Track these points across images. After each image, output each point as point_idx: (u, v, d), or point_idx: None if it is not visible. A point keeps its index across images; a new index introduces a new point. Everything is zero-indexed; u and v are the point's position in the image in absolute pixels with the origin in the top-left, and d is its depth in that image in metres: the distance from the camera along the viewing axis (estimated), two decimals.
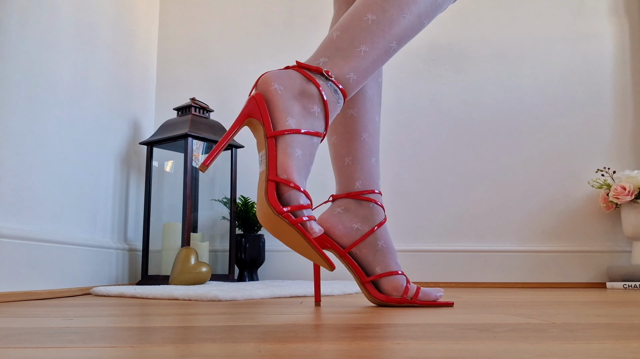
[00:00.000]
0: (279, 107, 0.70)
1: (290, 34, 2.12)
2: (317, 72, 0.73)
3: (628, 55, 2.05)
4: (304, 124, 0.71)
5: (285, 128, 0.69)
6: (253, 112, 0.70)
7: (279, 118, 0.70)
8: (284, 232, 0.67)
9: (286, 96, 0.71)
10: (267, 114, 0.70)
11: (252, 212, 1.86)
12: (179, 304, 0.92)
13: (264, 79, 0.72)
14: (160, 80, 2.12)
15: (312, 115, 0.72)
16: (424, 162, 2.02)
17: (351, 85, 0.75)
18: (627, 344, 0.41)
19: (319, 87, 0.72)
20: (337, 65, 0.74)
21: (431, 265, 1.94)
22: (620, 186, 1.79)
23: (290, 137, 0.69)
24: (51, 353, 0.38)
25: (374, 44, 0.76)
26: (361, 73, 0.76)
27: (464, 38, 2.07)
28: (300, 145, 0.70)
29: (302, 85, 0.72)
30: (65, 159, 1.37)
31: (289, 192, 0.68)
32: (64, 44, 1.37)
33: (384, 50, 0.77)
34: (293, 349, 0.39)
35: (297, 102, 0.71)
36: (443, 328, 0.52)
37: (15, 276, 1.10)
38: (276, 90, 0.71)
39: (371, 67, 0.77)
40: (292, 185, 0.67)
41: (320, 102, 0.72)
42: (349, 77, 0.75)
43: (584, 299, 1.04)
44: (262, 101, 0.70)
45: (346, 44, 0.75)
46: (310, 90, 0.72)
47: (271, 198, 0.66)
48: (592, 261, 1.93)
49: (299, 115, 0.71)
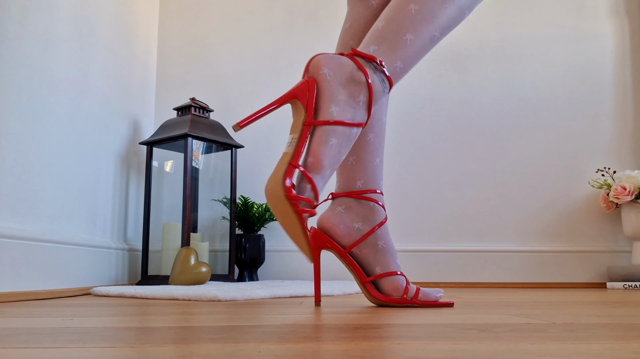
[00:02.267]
0: (326, 94, 0.71)
1: (290, 33, 2.12)
2: (371, 60, 0.74)
3: (628, 55, 2.05)
4: (347, 114, 0.71)
5: (326, 119, 0.70)
6: (301, 94, 0.71)
7: (323, 106, 0.71)
8: (285, 215, 0.68)
9: (334, 82, 0.71)
10: (313, 102, 0.71)
11: (252, 212, 1.86)
12: (179, 304, 0.92)
13: (316, 63, 0.73)
14: (160, 80, 2.12)
15: (357, 104, 0.72)
16: (424, 162, 2.02)
17: (397, 74, 0.77)
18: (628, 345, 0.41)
19: (367, 76, 0.73)
20: (385, 54, 0.75)
21: (431, 265, 1.94)
22: (621, 186, 1.79)
23: (329, 128, 0.70)
24: (51, 353, 0.38)
25: (418, 32, 0.77)
26: (407, 62, 0.77)
27: (464, 38, 2.07)
28: (337, 135, 0.71)
29: (352, 72, 0.73)
30: (65, 159, 1.37)
31: (304, 183, 0.69)
32: (64, 43, 1.37)
33: (428, 39, 0.78)
34: (293, 349, 0.39)
35: (344, 90, 0.72)
36: (443, 328, 0.51)
37: (15, 276, 1.10)
38: (325, 75, 0.71)
39: (416, 56, 0.78)
40: (309, 180, 0.69)
41: (367, 92, 0.73)
42: (395, 65, 0.76)
43: (584, 300, 1.04)
44: (314, 87, 0.71)
45: (392, 33, 0.76)
46: (358, 78, 0.73)
47: (286, 182, 0.67)
48: (592, 261, 1.93)
49: (344, 103, 0.71)
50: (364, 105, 0.73)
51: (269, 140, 2.06)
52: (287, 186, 0.67)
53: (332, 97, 0.71)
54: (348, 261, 0.83)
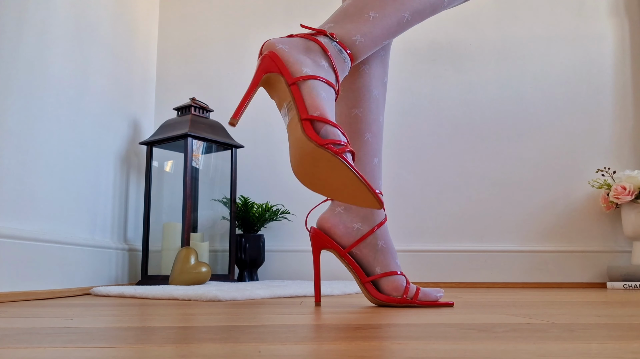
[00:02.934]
0: (291, 60, 0.71)
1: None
2: (320, 33, 0.74)
3: (628, 55, 2.05)
4: (320, 73, 0.71)
5: (304, 74, 0.70)
6: (270, 66, 0.71)
7: (295, 69, 0.71)
8: (327, 167, 0.64)
9: (294, 52, 0.72)
10: (285, 65, 0.70)
11: (252, 212, 1.86)
12: (179, 304, 0.92)
13: (268, 43, 0.73)
14: (160, 80, 2.12)
15: (323, 68, 0.72)
16: (424, 162, 2.01)
17: (358, 48, 0.75)
18: (628, 345, 0.41)
19: (322, 45, 0.73)
20: (344, 28, 0.75)
21: (431, 265, 1.94)
22: (621, 186, 1.79)
23: (312, 82, 0.70)
24: (51, 353, 0.38)
25: (384, 11, 0.76)
26: (369, 38, 0.76)
27: (464, 38, 2.07)
28: (323, 88, 0.70)
29: (305, 43, 0.73)
30: (65, 159, 1.37)
31: (324, 127, 0.67)
32: (64, 43, 1.37)
33: (395, 20, 0.77)
34: (293, 349, 0.39)
35: (306, 56, 0.72)
36: (443, 328, 0.51)
37: (15, 276, 1.10)
38: (282, 49, 0.72)
39: (381, 35, 0.76)
40: (327, 121, 0.67)
41: (326, 57, 0.73)
42: (355, 39, 0.75)
43: (584, 300, 1.04)
44: (277, 56, 0.71)
45: (356, 10, 0.76)
46: (313, 47, 0.73)
47: (310, 133, 0.65)
48: (592, 261, 1.93)
49: (312, 65, 0.71)
50: (328, 69, 0.73)
51: (269, 140, 2.06)
52: (313, 137, 0.64)
53: (298, 61, 0.71)
54: (348, 261, 0.83)
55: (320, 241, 0.83)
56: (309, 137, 0.65)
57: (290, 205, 1.99)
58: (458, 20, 2.08)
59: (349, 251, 0.83)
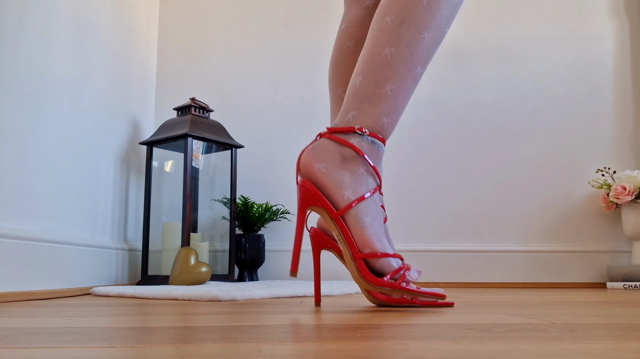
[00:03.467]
0: (331, 186, 0.71)
1: (290, 34, 2.12)
2: (350, 132, 0.72)
3: (628, 55, 2.05)
4: (360, 189, 0.72)
5: (346, 204, 0.71)
6: (309, 201, 0.72)
7: (336, 196, 0.71)
8: (392, 296, 0.71)
9: (331, 171, 0.71)
10: (324, 198, 0.71)
11: (252, 212, 1.86)
12: (179, 304, 0.92)
13: (304, 163, 0.72)
14: (160, 80, 2.12)
15: (362, 176, 0.72)
16: (424, 162, 2.01)
17: (387, 129, 0.74)
18: (628, 345, 0.41)
19: (356, 149, 0.72)
20: (369, 115, 0.73)
21: (431, 265, 1.94)
22: (621, 186, 1.79)
23: (354, 210, 0.71)
24: (51, 353, 0.38)
25: (399, 77, 0.74)
26: (394, 114, 0.74)
27: (464, 38, 2.07)
28: (366, 211, 0.71)
29: (340, 152, 0.72)
30: (65, 159, 1.37)
31: (379, 262, 0.70)
32: (64, 43, 1.37)
33: (411, 81, 0.75)
34: (293, 349, 0.39)
35: (344, 171, 0.72)
36: (443, 328, 0.51)
37: (15, 276, 1.10)
38: (319, 170, 0.71)
39: (402, 102, 0.75)
40: (379, 254, 0.70)
41: (363, 161, 0.72)
42: (382, 122, 0.73)
43: (584, 300, 1.04)
44: (313, 187, 0.71)
45: (371, 88, 0.73)
46: (348, 155, 0.72)
47: (366, 276, 0.70)
48: (592, 261, 1.93)
49: (352, 183, 0.71)
50: (367, 173, 0.73)
51: (269, 140, 2.06)
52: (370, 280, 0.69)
53: (338, 185, 0.71)
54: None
55: (320, 241, 0.82)
56: (366, 279, 0.70)
57: (291, 205, 1.99)
58: (458, 20, 2.07)
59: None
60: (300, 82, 2.08)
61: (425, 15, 0.75)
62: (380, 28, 0.76)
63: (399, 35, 0.74)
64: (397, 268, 0.70)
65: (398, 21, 0.74)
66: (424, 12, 0.75)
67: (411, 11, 0.74)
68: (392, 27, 0.74)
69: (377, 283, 0.69)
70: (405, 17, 0.74)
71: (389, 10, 0.76)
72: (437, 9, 0.75)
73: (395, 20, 0.75)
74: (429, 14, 0.75)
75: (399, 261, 0.72)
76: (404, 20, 0.74)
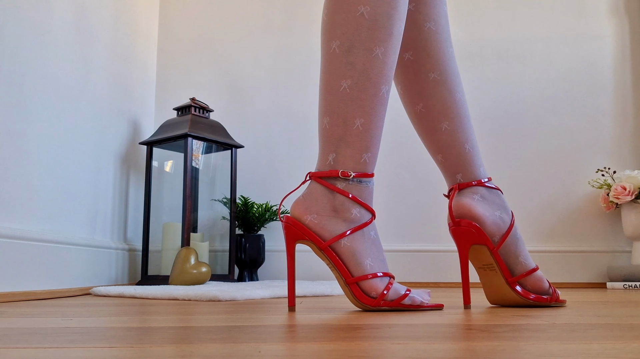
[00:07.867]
0: (324, 230, 0.71)
1: (290, 34, 2.12)
2: (334, 176, 0.71)
3: (628, 55, 2.05)
4: (353, 224, 0.71)
5: (339, 235, 0.70)
6: (297, 235, 0.71)
7: (332, 236, 0.71)
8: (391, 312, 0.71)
9: (323, 222, 0.71)
10: (310, 231, 0.71)
11: (252, 212, 1.86)
12: (179, 304, 0.92)
13: (296, 215, 0.72)
14: (160, 80, 2.12)
15: (356, 218, 0.72)
16: (424, 162, 2.01)
17: (369, 164, 0.73)
18: (628, 345, 0.41)
19: (340, 191, 0.71)
20: (347, 156, 0.71)
21: (430, 265, 1.94)
22: (621, 186, 1.79)
23: (344, 240, 0.71)
24: (51, 353, 0.38)
25: (365, 109, 0.71)
26: (372, 146, 0.73)
27: (464, 38, 2.07)
28: (357, 239, 0.71)
29: (330, 202, 0.71)
30: (65, 159, 1.37)
31: (369, 284, 0.70)
32: (64, 43, 1.37)
33: (379, 104, 0.72)
34: (293, 349, 0.39)
35: (336, 220, 0.71)
36: (443, 328, 0.51)
37: (15, 276, 1.10)
38: (311, 221, 0.71)
39: (377, 131, 0.73)
40: (370, 277, 0.70)
41: (350, 200, 0.71)
42: (363, 160, 0.72)
43: (584, 299, 1.04)
44: (297, 222, 0.71)
45: (341, 128, 0.71)
46: (339, 201, 0.71)
47: (360, 298, 0.70)
48: (592, 261, 1.93)
49: (343, 222, 0.71)
50: (357, 210, 0.72)
51: (269, 140, 2.06)
52: (365, 301, 0.70)
53: (332, 229, 0.71)
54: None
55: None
56: (362, 302, 0.70)
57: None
58: (458, 20, 2.08)
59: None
60: (300, 82, 2.08)
61: (373, 31, 0.70)
62: (329, 57, 0.71)
63: (350, 64, 0.70)
64: (387, 287, 0.70)
65: (345, 48, 0.70)
66: (369, 27, 0.69)
67: (355, 34, 0.69)
68: (340, 55, 0.70)
69: (374, 304, 0.69)
70: (351, 44, 0.69)
71: (332, 33, 0.71)
72: (382, 17, 0.70)
73: (342, 47, 0.70)
74: (376, 27, 0.70)
75: (385, 280, 0.71)
76: (351, 47, 0.70)
